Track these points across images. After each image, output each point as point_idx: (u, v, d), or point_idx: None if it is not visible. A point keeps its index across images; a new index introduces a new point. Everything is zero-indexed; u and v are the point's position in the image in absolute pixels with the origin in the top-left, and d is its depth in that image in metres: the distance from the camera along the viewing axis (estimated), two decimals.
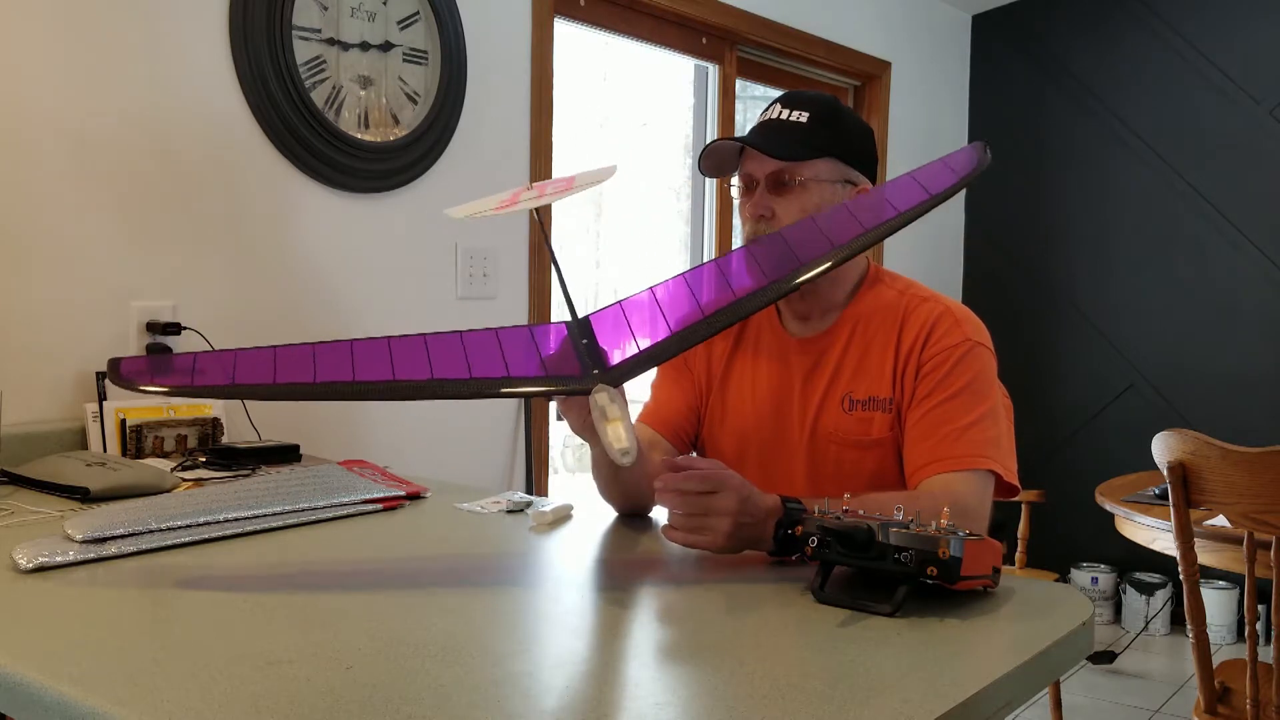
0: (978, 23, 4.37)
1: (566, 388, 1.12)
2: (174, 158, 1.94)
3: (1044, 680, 0.93)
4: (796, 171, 1.43)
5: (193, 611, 0.99)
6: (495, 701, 0.76)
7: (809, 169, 1.43)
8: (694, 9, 3.02)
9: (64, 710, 0.77)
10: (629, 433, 1.05)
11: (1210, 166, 3.85)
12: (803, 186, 1.43)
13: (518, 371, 1.12)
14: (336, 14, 2.15)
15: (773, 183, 1.43)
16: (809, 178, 1.43)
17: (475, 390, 1.08)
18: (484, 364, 1.11)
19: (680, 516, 1.15)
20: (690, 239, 3.38)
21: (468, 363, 1.11)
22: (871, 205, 1.25)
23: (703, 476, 1.14)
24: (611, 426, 1.05)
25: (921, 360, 1.41)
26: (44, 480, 1.50)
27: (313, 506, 1.36)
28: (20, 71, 1.74)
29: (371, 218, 2.27)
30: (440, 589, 1.08)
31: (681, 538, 1.15)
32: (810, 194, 1.43)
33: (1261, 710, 1.94)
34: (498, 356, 1.13)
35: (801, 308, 1.50)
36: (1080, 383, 4.17)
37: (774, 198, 1.43)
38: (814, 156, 1.43)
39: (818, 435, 1.45)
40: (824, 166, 1.44)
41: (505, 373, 1.11)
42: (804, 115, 1.44)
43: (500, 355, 1.14)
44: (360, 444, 2.25)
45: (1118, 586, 4.08)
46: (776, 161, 1.43)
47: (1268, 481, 1.85)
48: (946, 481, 1.33)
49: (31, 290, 1.77)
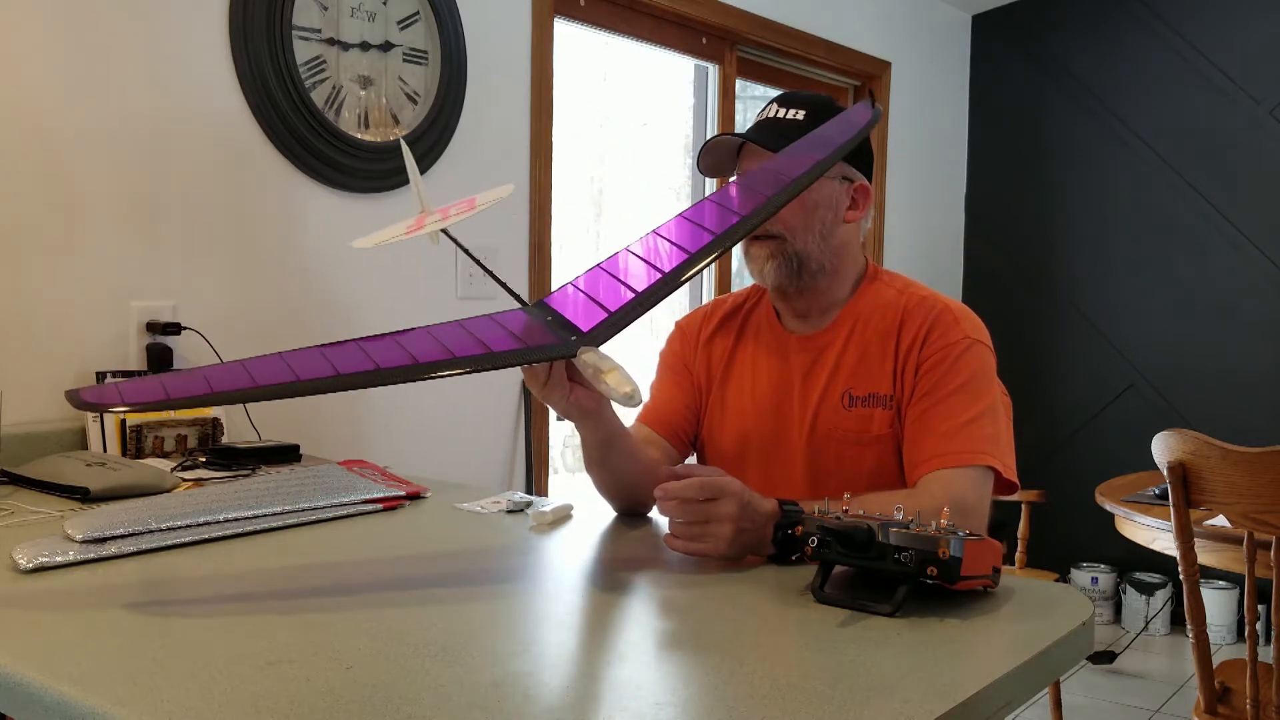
0: (978, 23, 4.37)
1: (551, 354, 1.13)
2: (174, 158, 1.94)
3: (1044, 680, 0.93)
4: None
5: (193, 611, 0.99)
6: (495, 701, 0.76)
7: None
8: (694, 9, 3.02)
9: (64, 710, 0.77)
10: (628, 377, 1.07)
11: (1210, 166, 3.85)
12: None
13: (499, 348, 1.12)
14: (336, 14, 2.15)
15: None
16: None
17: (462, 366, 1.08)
18: (463, 347, 1.12)
19: (681, 525, 1.15)
20: None
21: (446, 349, 1.11)
22: (791, 162, 1.30)
23: (702, 484, 1.14)
24: (609, 376, 1.07)
25: (921, 357, 1.41)
26: (44, 480, 1.50)
27: (313, 506, 1.36)
28: (20, 71, 1.74)
29: (371, 218, 2.27)
30: (440, 589, 1.08)
31: (684, 546, 1.15)
32: (809, 190, 1.43)
33: (1261, 710, 1.94)
34: (471, 340, 1.14)
35: (801, 305, 1.50)
36: (1080, 383, 4.17)
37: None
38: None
39: (817, 432, 1.45)
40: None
41: (487, 350, 1.12)
42: (801, 113, 1.45)
43: (474, 339, 1.14)
44: (360, 444, 2.25)
45: (1118, 586, 4.08)
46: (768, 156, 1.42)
47: (1268, 481, 1.85)
48: (946, 477, 1.33)
49: (31, 290, 1.77)
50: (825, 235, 1.45)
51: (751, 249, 1.46)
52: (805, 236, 1.44)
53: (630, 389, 1.07)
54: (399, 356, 1.08)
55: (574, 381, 1.24)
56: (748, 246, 1.47)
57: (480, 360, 1.09)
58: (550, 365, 1.21)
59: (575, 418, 1.29)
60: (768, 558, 1.17)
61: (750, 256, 1.47)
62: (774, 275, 1.45)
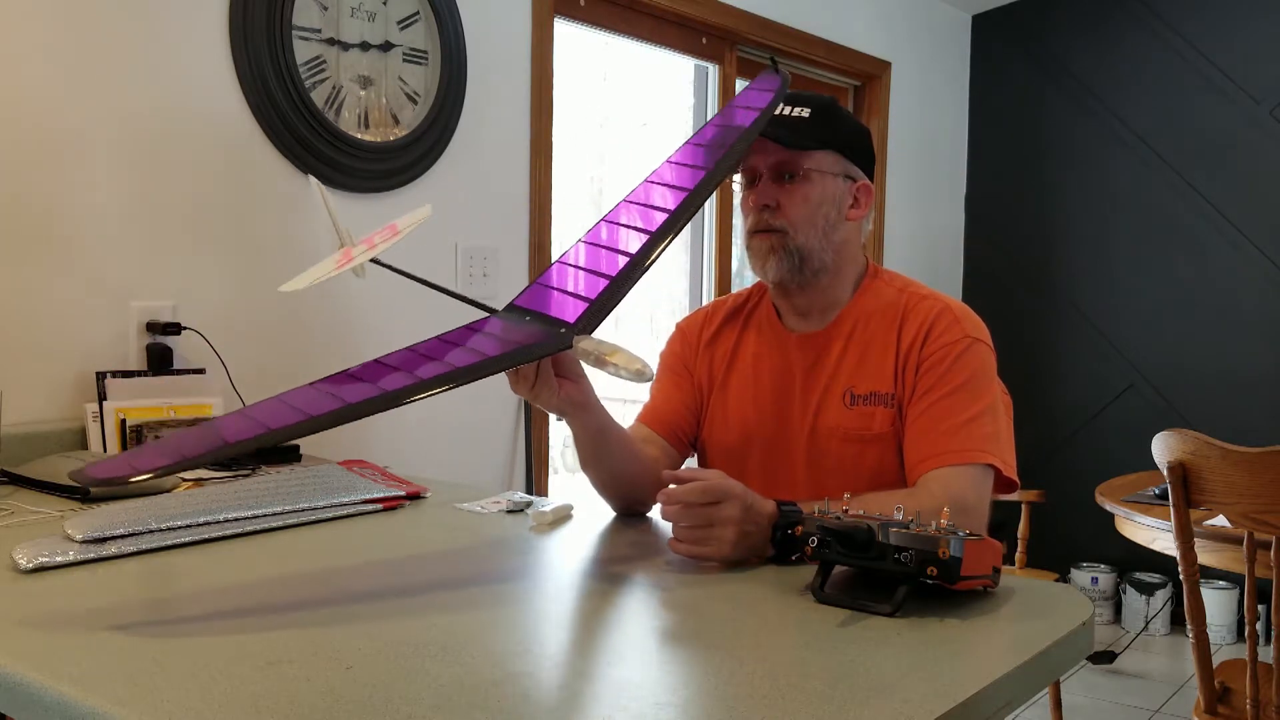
0: (978, 23, 4.37)
1: (547, 350, 1.14)
2: (174, 158, 1.94)
3: (1044, 680, 0.93)
4: (801, 161, 1.44)
5: (193, 611, 0.99)
6: (495, 701, 0.76)
7: (813, 159, 1.44)
8: (694, 9, 3.02)
9: (64, 710, 0.77)
10: (634, 354, 1.08)
11: (1210, 166, 3.85)
12: (805, 177, 1.44)
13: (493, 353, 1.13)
14: (336, 14, 2.15)
15: (777, 173, 1.44)
16: (812, 168, 1.44)
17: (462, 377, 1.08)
18: (458, 359, 1.12)
19: (685, 529, 1.16)
20: (690, 238, 3.38)
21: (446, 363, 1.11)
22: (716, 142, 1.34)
23: (705, 488, 1.14)
24: (615, 356, 1.08)
25: (922, 356, 1.42)
26: (44, 480, 1.50)
27: (313, 506, 1.36)
28: (20, 71, 1.74)
29: (371, 218, 2.26)
30: (440, 589, 1.08)
31: (687, 549, 1.16)
32: (814, 184, 1.44)
33: (1261, 710, 1.94)
34: (462, 353, 1.14)
35: (802, 303, 1.51)
36: (1080, 383, 4.17)
37: (778, 188, 1.44)
38: (818, 148, 1.44)
39: (819, 430, 1.45)
40: (827, 159, 1.45)
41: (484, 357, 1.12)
42: (805, 111, 1.45)
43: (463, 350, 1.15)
44: (360, 444, 2.25)
45: (1118, 586, 4.08)
46: (781, 152, 1.43)
47: (1268, 481, 1.85)
48: (945, 476, 1.34)
49: (31, 290, 1.77)
50: (827, 232, 1.46)
51: (753, 242, 1.47)
52: (808, 231, 1.44)
53: (640, 365, 1.08)
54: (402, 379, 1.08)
55: (561, 377, 1.25)
56: (749, 240, 1.48)
57: (479, 369, 1.09)
58: (538, 364, 1.21)
59: (569, 412, 1.30)
60: (768, 559, 1.17)
61: (752, 250, 1.48)
62: (776, 270, 1.45)
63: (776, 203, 1.44)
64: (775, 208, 1.44)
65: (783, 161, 1.44)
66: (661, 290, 3.53)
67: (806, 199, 1.44)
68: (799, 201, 1.43)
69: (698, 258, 3.37)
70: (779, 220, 1.44)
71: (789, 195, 1.44)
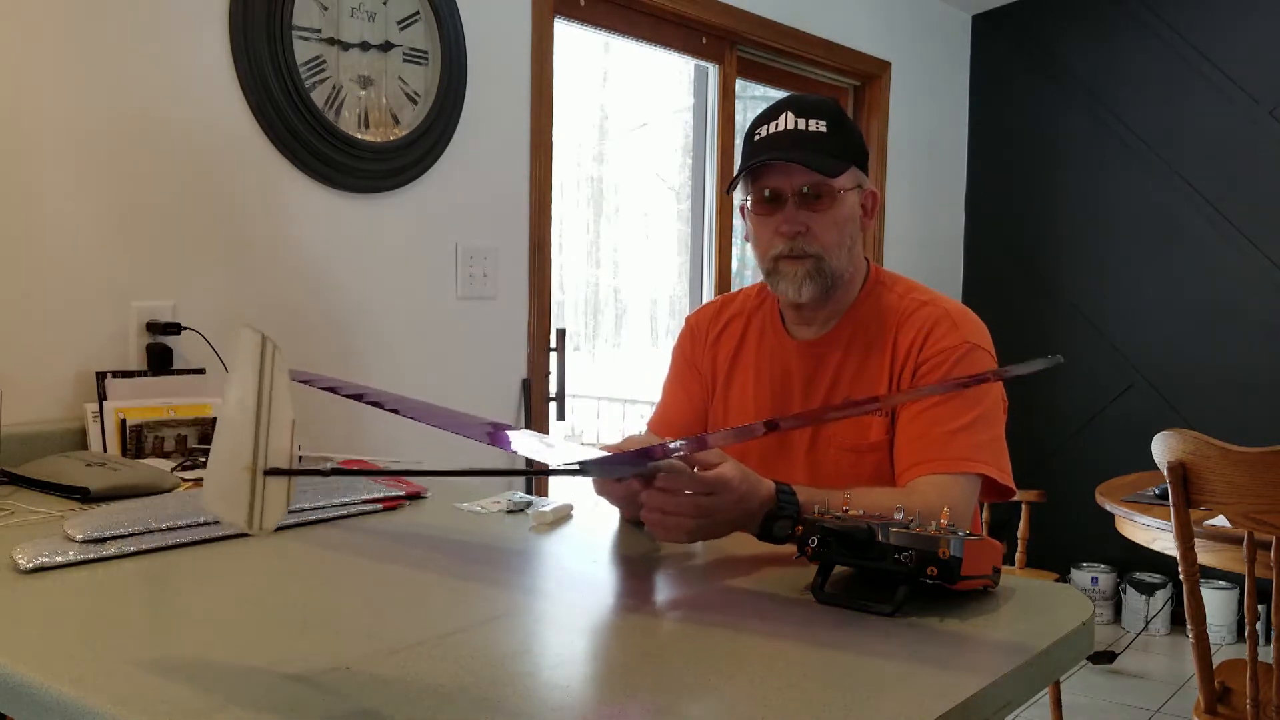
0: (978, 23, 4.37)
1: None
2: (174, 158, 1.94)
3: (1044, 680, 0.93)
4: (831, 185, 1.40)
5: (193, 611, 0.99)
6: (495, 701, 0.76)
7: (839, 180, 1.41)
8: (694, 9, 3.02)
9: (64, 710, 0.77)
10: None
11: (1210, 166, 3.85)
12: (833, 199, 1.41)
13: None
14: (336, 14, 2.15)
15: (807, 197, 1.40)
16: (841, 188, 1.41)
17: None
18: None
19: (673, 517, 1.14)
20: (690, 239, 3.38)
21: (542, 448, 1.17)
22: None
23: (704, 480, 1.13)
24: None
25: (919, 362, 1.41)
26: (44, 480, 1.50)
27: (313, 506, 1.36)
28: (20, 71, 1.74)
29: (371, 218, 2.27)
30: (440, 589, 1.08)
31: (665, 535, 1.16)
32: (841, 206, 1.42)
33: (1261, 710, 1.94)
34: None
35: (807, 312, 1.50)
36: (1080, 383, 4.17)
37: (809, 213, 1.41)
38: (846, 169, 1.42)
39: (818, 439, 1.45)
40: (850, 175, 1.43)
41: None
42: (822, 124, 1.41)
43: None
44: (361, 443, 2.25)
45: (1118, 586, 4.08)
46: (810, 175, 1.39)
47: (1268, 481, 1.85)
48: (932, 484, 1.33)
49: (31, 290, 1.77)
50: (851, 248, 1.45)
51: (783, 266, 1.42)
52: (839, 254, 1.42)
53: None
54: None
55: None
56: (777, 263, 1.43)
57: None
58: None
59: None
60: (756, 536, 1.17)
61: (781, 274, 1.43)
62: (810, 292, 1.42)
63: (807, 228, 1.40)
64: (806, 233, 1.40)
65: (812, 185, 1.40)
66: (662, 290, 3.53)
67: (836, 222, 1.41)
68: (830, 226, 1.40)
69: (697, 258, 3.37)
70: (814, 246, 1.40)
71: (820, 220, 1.40)
